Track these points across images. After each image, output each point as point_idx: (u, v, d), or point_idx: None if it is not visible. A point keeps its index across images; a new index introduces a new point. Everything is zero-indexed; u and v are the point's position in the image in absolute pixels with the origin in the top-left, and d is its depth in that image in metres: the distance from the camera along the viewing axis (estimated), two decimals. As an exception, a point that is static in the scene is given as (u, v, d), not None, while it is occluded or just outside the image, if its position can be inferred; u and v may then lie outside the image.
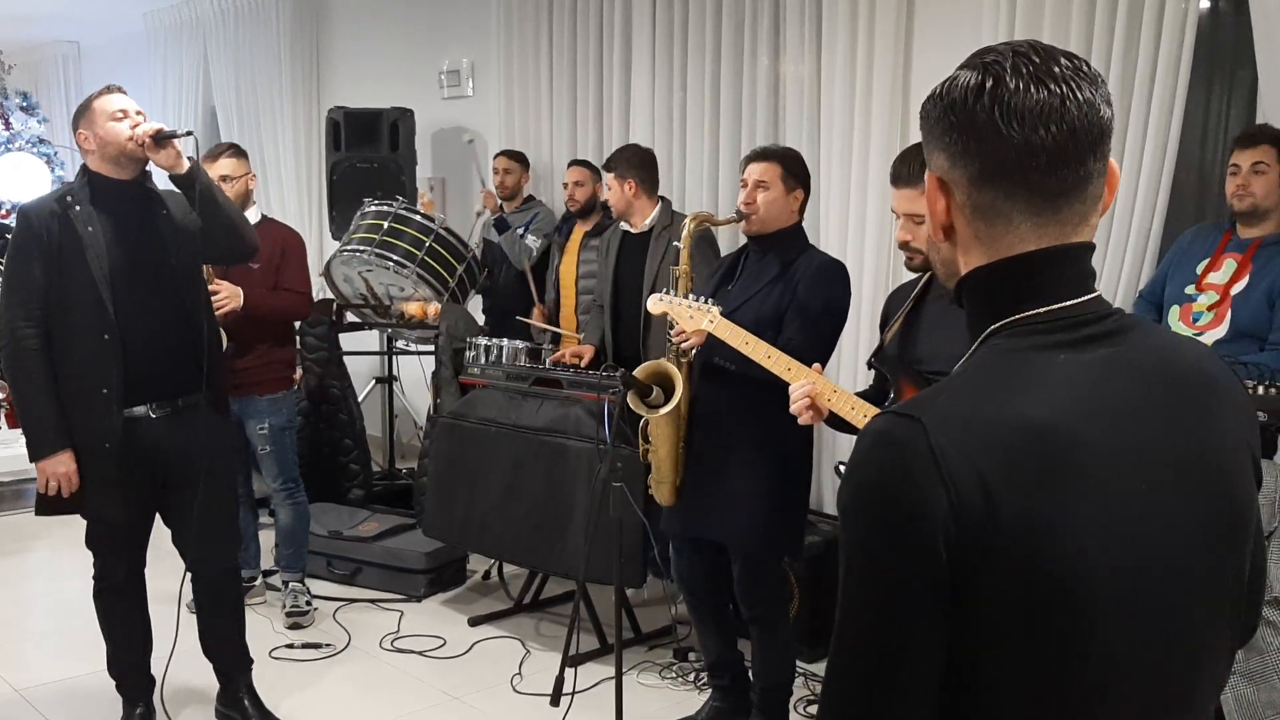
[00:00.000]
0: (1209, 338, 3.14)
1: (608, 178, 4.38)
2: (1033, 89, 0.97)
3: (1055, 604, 0.94)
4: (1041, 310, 1.02)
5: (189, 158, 3.00)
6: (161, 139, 2.95)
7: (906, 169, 2.50)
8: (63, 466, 2.99)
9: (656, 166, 4.47)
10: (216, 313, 3.73)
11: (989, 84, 0.99)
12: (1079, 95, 0.98)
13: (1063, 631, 0.95)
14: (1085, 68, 1.00)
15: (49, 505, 3.07)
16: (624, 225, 4.47)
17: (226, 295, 3.90)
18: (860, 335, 4.43)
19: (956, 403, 0.98)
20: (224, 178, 4.06)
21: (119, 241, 2.99)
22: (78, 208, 2.97)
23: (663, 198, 4.53)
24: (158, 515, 3.23)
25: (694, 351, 3.10)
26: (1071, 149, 0.99)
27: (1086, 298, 1.03)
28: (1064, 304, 1.02)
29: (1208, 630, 1.04)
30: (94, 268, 2.94)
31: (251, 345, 4.07)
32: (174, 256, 3.06)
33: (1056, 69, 0.98)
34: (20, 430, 5.47)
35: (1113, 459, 0.97)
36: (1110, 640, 0.96)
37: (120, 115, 2.97)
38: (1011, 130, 0.98)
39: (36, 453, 3.01)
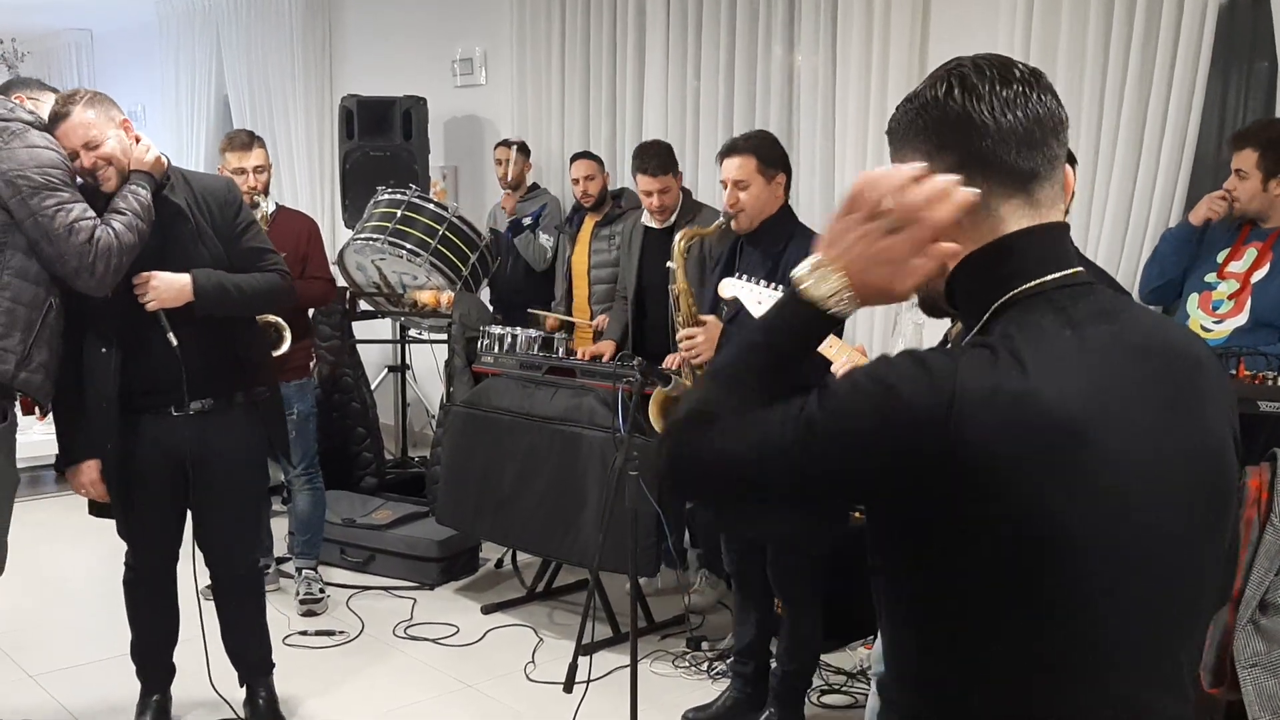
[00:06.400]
0: (1229, 325, 3.13)
1: (665, 180, 4.21)
2: (997, 85, 1.11)
3: (1051, 567, 1.04)
4: (1033, 284, 1.11)
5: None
6: None
7: None
8: (85, 477, 3.01)
9: None
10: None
11: (956, 83, 1.12)
12: (1035, 91, 1.12)
13: (1065, 588, 1.05)
14: (1041, 76, 1.14)
15: (101, 507, 3.12)
16: (645, 220, 4.44)
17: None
18: (874, 321, 4.42)
19: (980, 371, 1.05)
20: (258, 168, 4.07)
21: None
22: None
23: (684, 189, 4.50)
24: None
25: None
26: (1038, 133, 1.11)
27: (1071, 271, 1.13)
28: (1053, 276, 1.12)
29: (1199, 587, 1.15)
30: None
31: None
32: (183, 265, 2.98)
33: (1016, 72, 1.13)
34: (35, 416, 5.52)
35: (1120, 433, 1.06)
36: (1114, 595, 1.06)
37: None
38: (984, 117, 1.10)
39: (61, 463, 3.06)
